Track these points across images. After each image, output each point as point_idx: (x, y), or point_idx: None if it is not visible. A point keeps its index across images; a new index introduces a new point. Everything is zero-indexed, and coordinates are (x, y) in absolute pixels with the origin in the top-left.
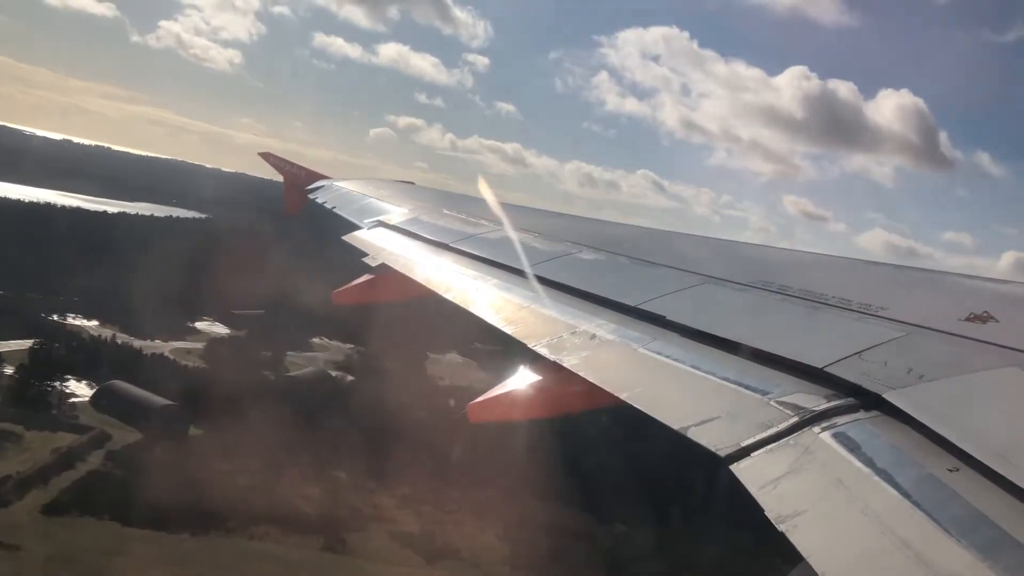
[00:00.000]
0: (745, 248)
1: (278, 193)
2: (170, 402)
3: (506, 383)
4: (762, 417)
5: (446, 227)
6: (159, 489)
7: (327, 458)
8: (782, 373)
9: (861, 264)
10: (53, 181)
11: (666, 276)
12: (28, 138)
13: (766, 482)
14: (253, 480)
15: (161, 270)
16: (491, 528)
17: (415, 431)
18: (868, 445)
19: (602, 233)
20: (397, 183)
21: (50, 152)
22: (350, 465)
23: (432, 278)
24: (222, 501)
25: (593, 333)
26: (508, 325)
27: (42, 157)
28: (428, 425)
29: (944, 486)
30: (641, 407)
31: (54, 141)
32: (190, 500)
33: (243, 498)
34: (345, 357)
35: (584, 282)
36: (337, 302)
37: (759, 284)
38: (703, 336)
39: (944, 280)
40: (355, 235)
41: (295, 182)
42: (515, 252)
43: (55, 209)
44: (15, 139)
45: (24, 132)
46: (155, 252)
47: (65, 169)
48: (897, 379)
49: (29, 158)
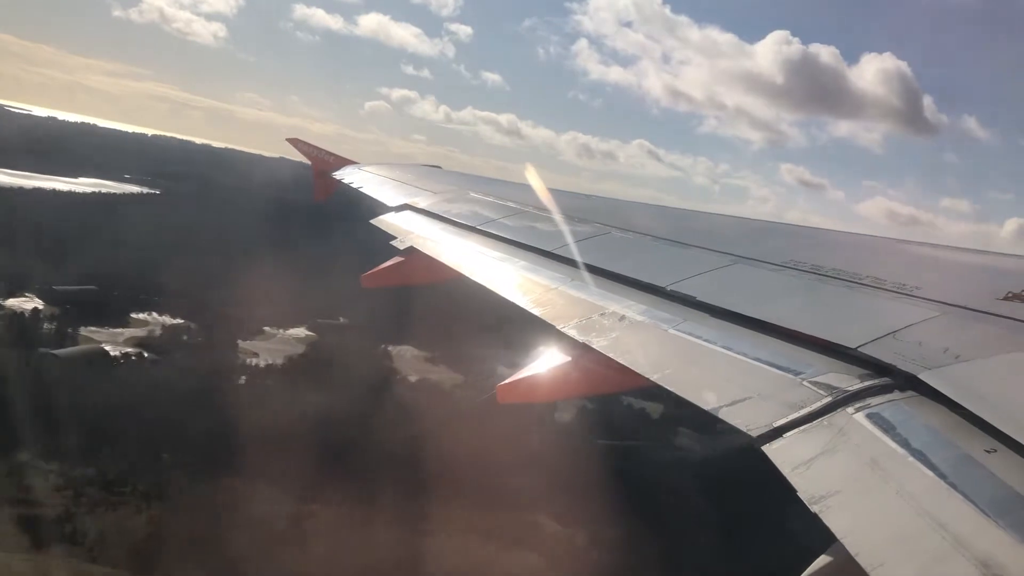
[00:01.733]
0: (776, 227)
1: (249, 167)
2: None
3: (534, 365)
4: (795, 397)
5: (473, 210)
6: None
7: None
8: (815, 353)
9: (894, 243)
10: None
11: (696, 257)
12: (13, 116)
13: (799, 463)
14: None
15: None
16: None
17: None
18: (903, 426)
19: (631, 214)
20: (423, 167)
21: (24, 129)
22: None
23: (460, 260)
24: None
25: (622, 314)
26: (536, 307)
27: (9, 135)
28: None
29: (981, 467)
30: (672, 388)
31: (37, 118)
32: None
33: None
34: (164, 333)
35: (613, 263)
36: (366, 285)
37: (791, 264)
38: (734, 317)
39: (980, 259)
40: (383, 219)
41: (323, 168)
42: (543, 234)
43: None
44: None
45: (9, 109)
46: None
47: (21, 146)
48: (933, 359)
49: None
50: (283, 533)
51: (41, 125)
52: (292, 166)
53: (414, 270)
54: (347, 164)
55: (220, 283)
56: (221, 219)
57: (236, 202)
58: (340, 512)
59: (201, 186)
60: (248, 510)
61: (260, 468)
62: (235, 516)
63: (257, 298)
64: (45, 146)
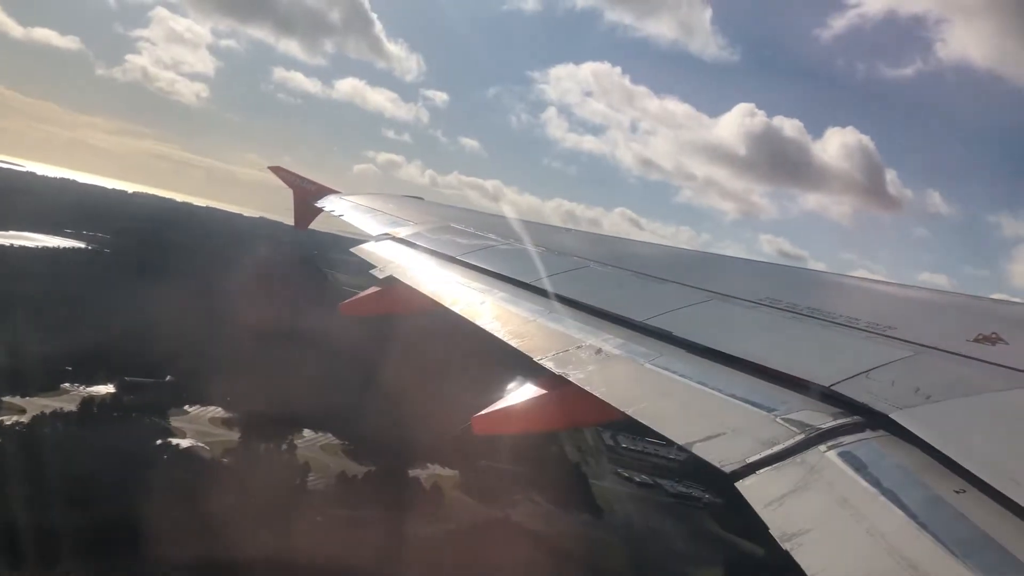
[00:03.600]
0: (753, 266)
1: (214, 225)
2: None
3: (511, 396)
4: (768, 434)
5: (454, 240)
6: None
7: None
8: (789, 391)
9: (869, 283)
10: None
11: (673, 292)
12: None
13: (771, 500)
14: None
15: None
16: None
17: None
18: (874, 465)
19: (609, 248)
20: (406, 198)
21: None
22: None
23: (439, 291)
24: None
25: (599, 348)
26: (514, 338)
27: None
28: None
29: (950, 507)
30: (647, 422)
31: (16, 172)
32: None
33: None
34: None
35: (591, 297)
36: (345, 314)
37: (767, 301)
38: (710, 352)
39: (953, 301)
40: (363, 247)
41: (304, 196)
42: (522, 266)
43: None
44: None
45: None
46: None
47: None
48: (904, 399)
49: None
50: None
51: (9, 178)
52: (269, 225)
53: (393, 299)
54: (329, 192)
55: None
56: (122, 275)
57: (162, 258)
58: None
59: (139, 242)
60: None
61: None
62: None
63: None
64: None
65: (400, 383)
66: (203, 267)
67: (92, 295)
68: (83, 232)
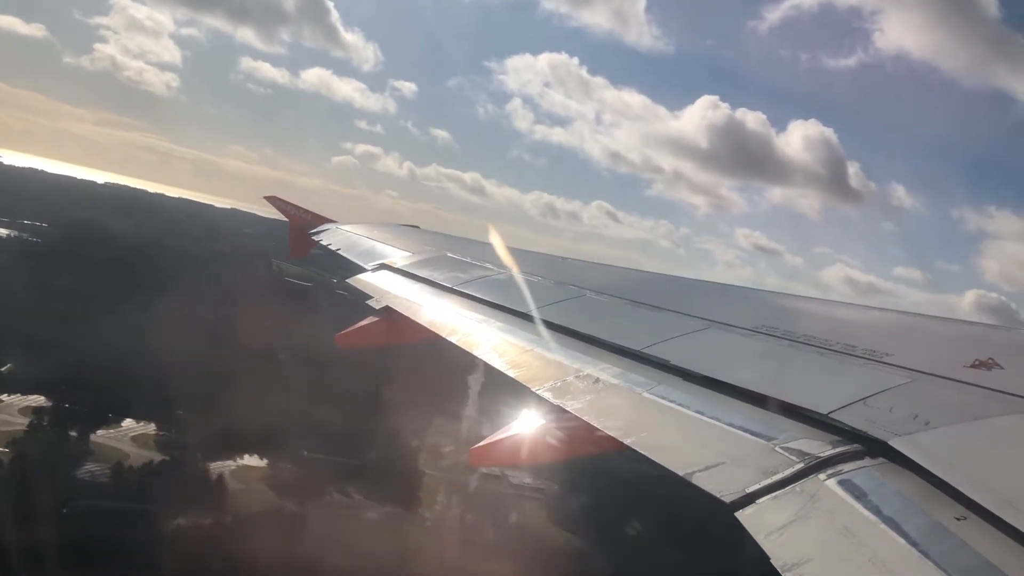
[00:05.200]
0: (750, 293)
1: (179, 215)
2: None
3: (508, 427)
4: (767, 463)
5: (450, 270)
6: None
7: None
8: (787, 419)
9: (865, 310)
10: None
11: (670, 321)
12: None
13: (772, 529)
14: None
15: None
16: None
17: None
18: (874, 492)
19: (606, 277)
20: (401, 226)
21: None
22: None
23: (436, 321)
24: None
25: (597, 377)
26: (511, 368)
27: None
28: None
29: (951, 534)
30: (646, 452)
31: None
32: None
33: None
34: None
35: (588, 326)
36: (341, 345)
37: (764, 329)
38: (707, 381)
39: (949, 327)
40: (359, 278)
41: (300, 224)
42: (519, 296)
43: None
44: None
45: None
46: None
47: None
48: (903, 426)
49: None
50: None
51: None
52: (239, 216)
53: (389, 330)
54: (325, 222)
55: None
56: (43, 265)
57: (96, 249)
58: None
59: (80, 232)
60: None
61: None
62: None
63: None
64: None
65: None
66: (133, 258)
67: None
68: (21, 221)
